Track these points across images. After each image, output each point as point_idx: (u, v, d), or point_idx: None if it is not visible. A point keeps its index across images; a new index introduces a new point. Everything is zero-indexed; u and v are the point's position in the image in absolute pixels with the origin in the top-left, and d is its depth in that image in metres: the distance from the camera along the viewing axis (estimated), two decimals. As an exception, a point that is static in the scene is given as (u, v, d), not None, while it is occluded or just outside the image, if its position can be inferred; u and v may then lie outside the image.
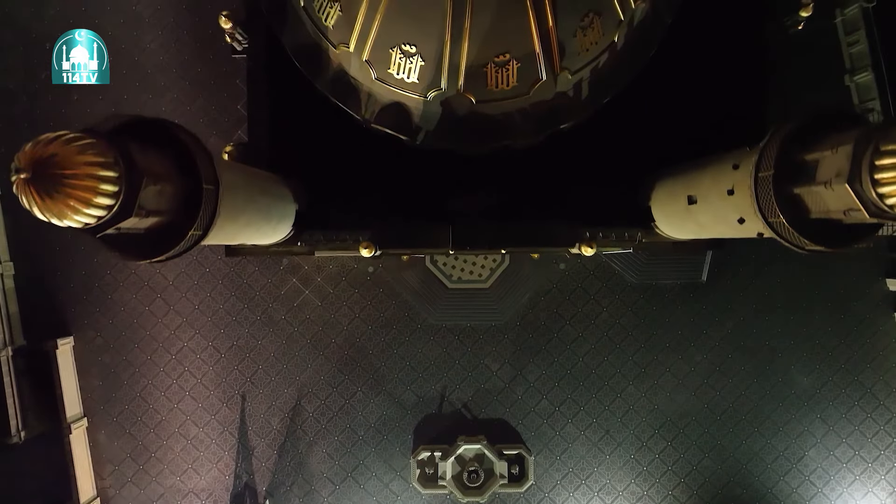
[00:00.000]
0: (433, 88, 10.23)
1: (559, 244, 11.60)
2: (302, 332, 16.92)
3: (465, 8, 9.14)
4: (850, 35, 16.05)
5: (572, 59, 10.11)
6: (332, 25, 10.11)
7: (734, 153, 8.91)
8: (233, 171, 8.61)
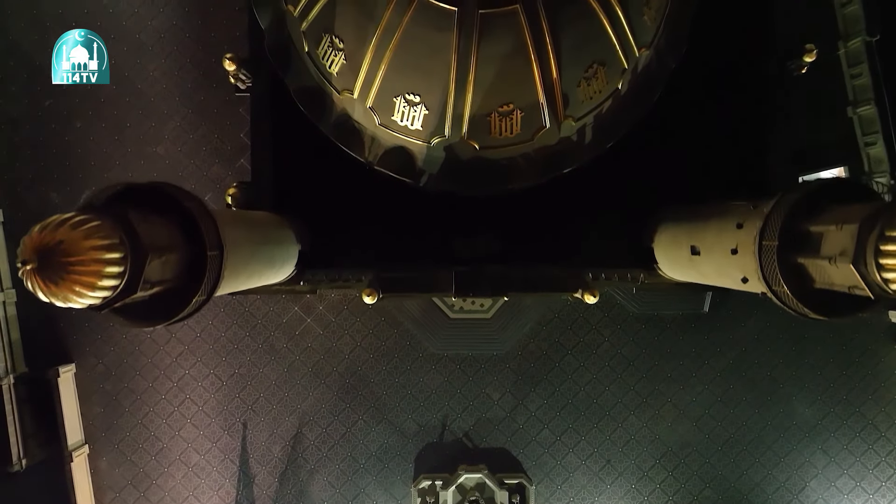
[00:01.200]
0: (437, 135, 10.25)
1: (562, 289, 11.58)
2: (303, 361, 16.94)
3: (470, 61, 9.16)
4: (853, 67, 16.08)
5: (576, 107, 10.13)
6: (335, 72, 10.11)
7: (738, 208, 8.91)
8: (236, 226, 8.60)
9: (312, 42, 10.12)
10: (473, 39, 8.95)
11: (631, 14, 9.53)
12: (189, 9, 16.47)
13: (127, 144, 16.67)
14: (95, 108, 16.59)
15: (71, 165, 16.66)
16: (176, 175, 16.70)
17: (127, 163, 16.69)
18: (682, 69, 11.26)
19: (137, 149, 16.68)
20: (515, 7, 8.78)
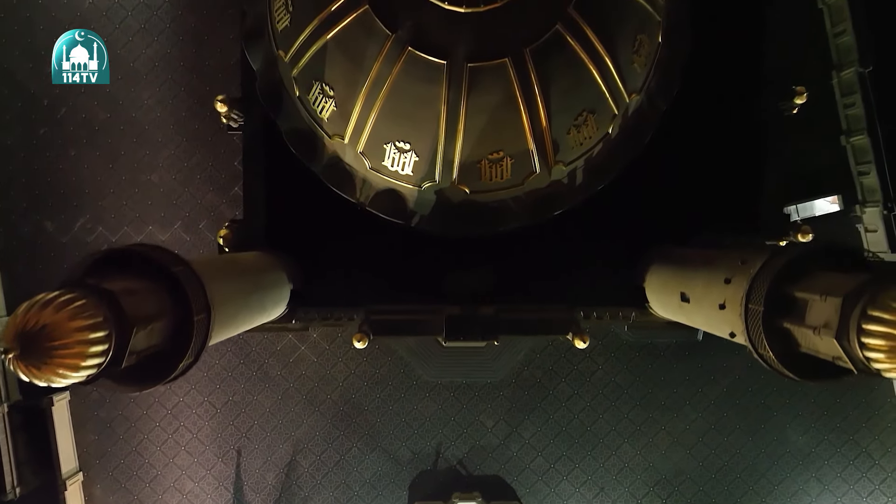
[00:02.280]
0: (427, 180, 10.26)
1: (553, 332, 11.61)
2: (297, 388, 16.94)
3: (459, 112, 9.18)
4: (846, 97, 16.10)
5: (566, 152, 10.14)
6: (326, 118, 10.13)
7: (727, 258, 8.93)
8: (225, 279, 8.61)
9: (303, 87, 10.14)
10: (463, 91, 8.97)
11: (621, 62, 9.55)
12: (183, 38, 16.48)
13: (121, 172, 16.67)
14: (90, 137, 16.59)
15: (65, 194, 16.67)
16: (170, 203, 16.71)
17: (121, 191, 16.69)
18: (674, 108, 11.30)
19: (132, 177, 16.68)
20: (504, 60, 8.82)
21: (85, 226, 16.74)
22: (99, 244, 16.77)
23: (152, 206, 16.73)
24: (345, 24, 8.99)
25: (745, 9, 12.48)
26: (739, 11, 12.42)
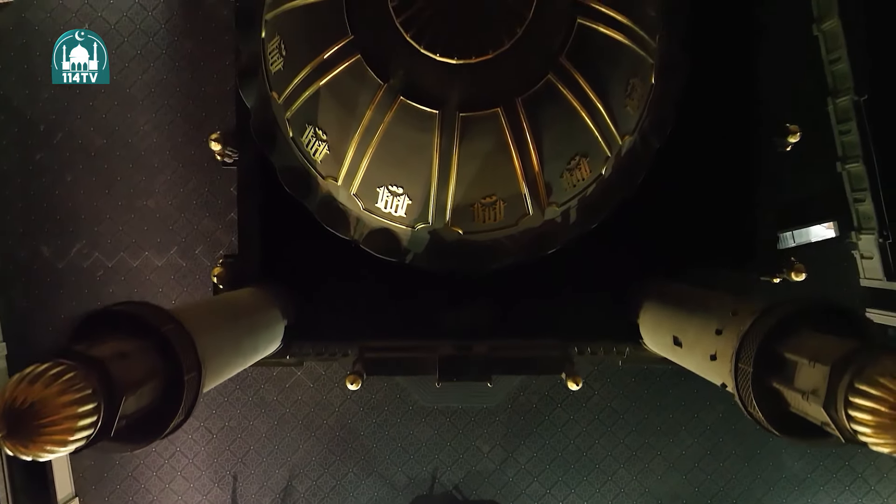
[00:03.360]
0: (421, 222, 10.28)
1: (547, 371, 11.63)
2: (293, 413, 16.96)
3: (452, 159, 9.20)
4: (842, 124, 16.12)
5: (559, 194, 10.16)
6: (319, 160, 10.15)
7: (719, 304, 8.95)
8: (217, 327, 8.62)
9: (297, 129, 10.16)
10: (455, 139, 9.00)
11: (613, 107, 9.57)
12: (179, 63, 16.49)
13: (117, 198, 16.69)
14: (86, 162, 16.62)
15: (61, 219, 16.69)
16: (166, 228, 16.73)
17: (117, 216, 16.71)
18: (668, 144, 11.31)
19: (128, 202, 16.70)
20: (496, 110, 8.84)
21: (81, 251, 16.76)
22: (95, 269, 16.81)
23: (148, 232, 16.75)
24: (337, 72, 9.02)
25: (739, 43, 12.45)
26: (734, 46, 12.40)
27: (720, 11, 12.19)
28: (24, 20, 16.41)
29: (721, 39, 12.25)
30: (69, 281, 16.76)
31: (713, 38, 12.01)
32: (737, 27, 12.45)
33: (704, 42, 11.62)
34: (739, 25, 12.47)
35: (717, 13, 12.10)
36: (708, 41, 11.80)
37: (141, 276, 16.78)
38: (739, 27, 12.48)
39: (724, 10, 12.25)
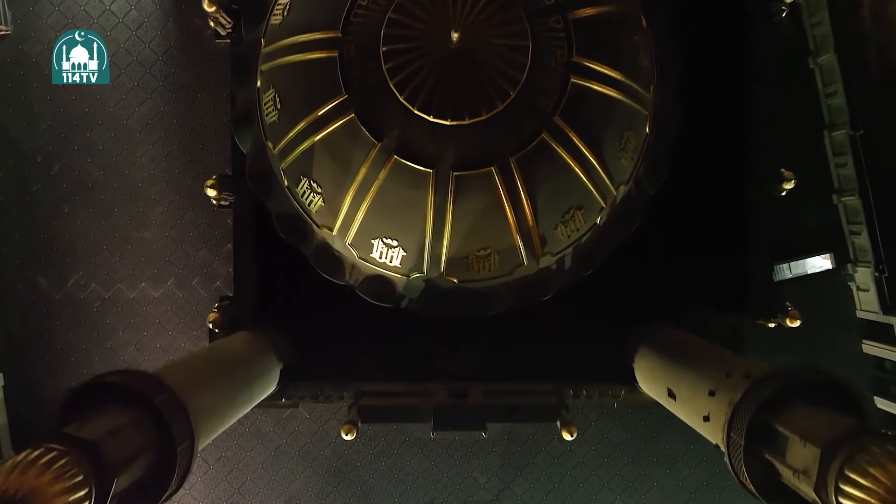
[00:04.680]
0: (416, 271, 10.28)
1: (541, 419, 11.66)
2: (290, 444, 16.95)
3: (446, 215, 9.22)
4: (838, 157, 16.14)
5: (554, 244, 10.18)
6: (315, 211, 10.17)
7: (713, 361, 8.98)
8: (211, 389, 8.64)
9: (292, 180, 10.18)
10: (449, 197, 9.01)
11: (607, 161, 9.59)
12: (176, 95, 16.51)
13: (114, 229, 16.69)
14: (83, 194, 16.62)
15: (59, 250, 16.69)
16: (163, 259, 16.74)
17: (114, 247, 16.71)
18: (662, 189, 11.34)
19: (125, 234, 16.71)
20: (490, 169, 8.87)
21: (78, 282, 16.77)
22: (92, 300, 16.81)
23: (145, 263, 16.76)
24: (332, 129, 9.05)
25: (734, 84, 12.49)
26: (728, 87, 12.44)
27: (715, 52, 12.22)
28: (21, 52, 16.42)
29: (715, 81, 12.27)
30: (66, 312, 16.76)
31: (708, 80, 12.05)
32: (732, 67, 12.48)
33: (699, 85, 11.67)
34: (735, 65, 12.51)
35: (711, 54, 12.13)
36: (702, 84, 11.83)
37: (138, 307, 16.79)
38: (735, 67, 12.51)
39: (719, 50, 12.27)
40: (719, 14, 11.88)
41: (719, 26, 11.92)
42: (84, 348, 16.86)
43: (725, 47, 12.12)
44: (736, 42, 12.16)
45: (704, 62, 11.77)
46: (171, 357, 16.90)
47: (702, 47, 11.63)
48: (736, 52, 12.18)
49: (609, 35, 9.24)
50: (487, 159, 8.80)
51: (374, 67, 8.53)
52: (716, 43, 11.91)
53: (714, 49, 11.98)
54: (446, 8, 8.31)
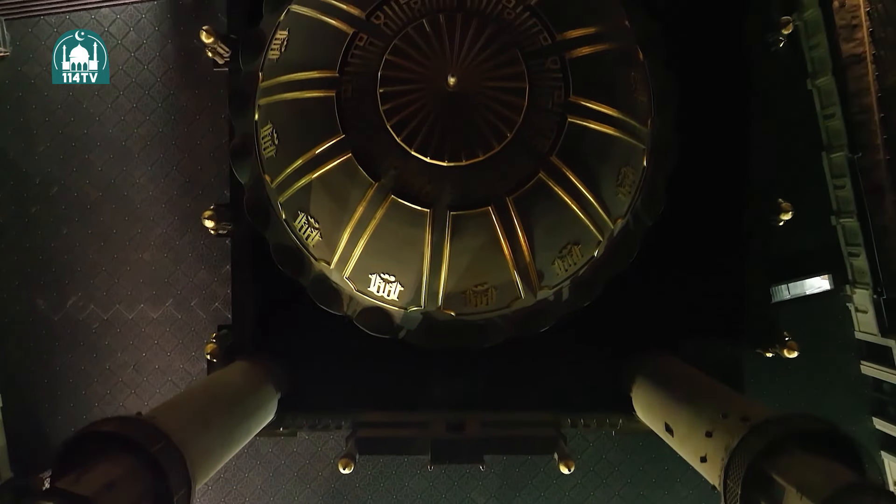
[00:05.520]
0: (413, 305, 10.28)
1: (539, 452, 11.66)
2: (289, 465, 16.95)
3: (443, 253, 9.22)
4: (836, 178, 16.13)
5: (551, 278, 10.18)
6: (312, 245, 10.17)
7: (711, 399, 8.97)
8: (208, 429, 8.64)
9: (290, 214, 10.17)
10: (446, 236, 9.02)
11: (605, 197, 9.60)
12: (175, 117, 16.52)
13: (113, 250, 16.70)
14: (82, 215, 16.63)
15: (57, 272, 16.70)
16: (162, 281, 16.74)
17: (113, 269, 16.71)
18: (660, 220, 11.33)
19: (123, 255, 16.71)
20: (487, 209, 8.88)
21: (77, 303, 16.77)
22: (91, 322, 16.81)
23: (144, 284, 16.75)
24: (329, 168, 9.06)
25: (732, 114, 12.49)
26: (725, 116, 12.44)
27: (713, 81, 12.22)
28: (20, 74, 16.45)
29: (713, 110, 12.27)
30: (64, 333, 16.77)
31: (705, 109, 12.04)
32: (730, 96, 12.48)
33: (697, 115, 11.67)
34: (733, 93, 12.51)
35: (709, 83, 12.13)
36: (700, 113, 11.83)
37: (136, 328, 16.79)
38: (733, 95, 12.52)
39: (717, 80, 12.27)
40: (717, 44, 11.87)
41: (717, 56, 11.91)
42: (83, 369, 16.85)
43: (723, 76, 12.12)
44: (734, 71, 12.15)
45: (702, 91, 11.76)
46: (170, 378, 16.93)
47: (700, 77, 11.62)
48: (734, 81, 12.18)
49: (606, 73, 9.25)
50: (484, 199, 8.82)
51: (371, 108, 8.54)
52: (714, 72, 11.93)
53: (712, 78, 11.99)
54: (443, 50, 8.34)
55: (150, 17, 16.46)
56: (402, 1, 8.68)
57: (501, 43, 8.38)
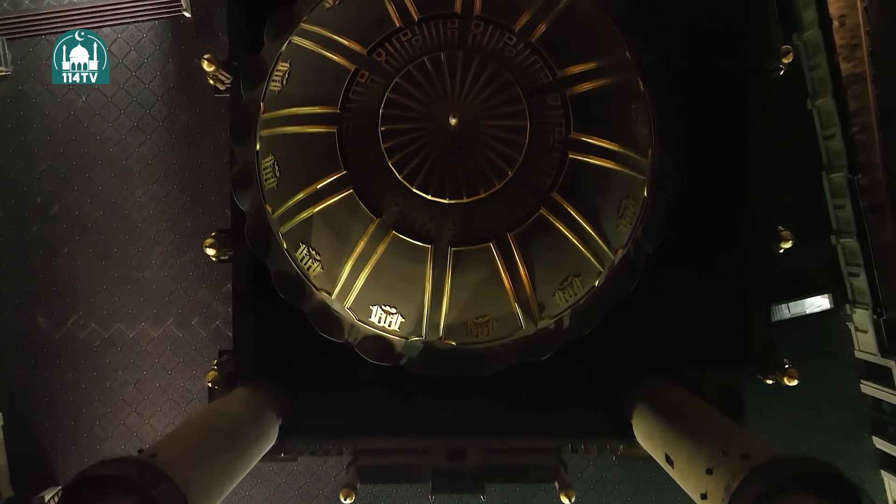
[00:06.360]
0: (414, 335, 10.30)
1: (539, 480, 11.66)
2: (290, 484, 16.98)
3: (444, 288, 9.25)
4: (836, 198, 16.18)
5: (552, 309, 10.19)
6: (313, 276, 10.18)
7: (709, 443, 8.97)
8: (211, 466, 8.66)
9: (291, 245, 10.18)
10: (447, 271, 9.04)
11: (606, 229, 9.62)
12: (176, 136, 16.54)
13: (114, 269, 16.72)
14: (83, 234, 16.65)
15: (58, 290, 16.72)
16: (163, 299, 16.76)
17: (114, 287, 16.74)
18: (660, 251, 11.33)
19: (124, 273, 16.73)
20: (488, 244, 8.90)
21: (78, 322, 16.80)
22: (91, 340, 16.84)
23: (145, 303, 16.78)
24: (330, 203, 9.09)
25: (733, 141, 12.49)
26: (727, 144, 12.44)
27: (713, 109, 12.21)
28: (20, 93, 16.47)
29: (714, 137, 12.25)
30: (66, 352, 16.79)
31: (706, 137, 12.03)
32: (730, 123, 12.47)
33: (698, 142, 11.67)
34: (733, 120, 12.51)
35: (710, 112, 12.12)
36: (701, 140, 11.83)
37: (137, 346, 16.81)
38: (733, 122, 12.51)
39: (717, 107, 12.25)
40: (718, 73, 11.87)
41: (718, 85, 11.92)
42: (83, 388, 16.88)
43: (724, 104, 12.11)
44: (734, 98, 12.15)
45: (703, 120, 11.75)
46: (171, 396, 16.96)
47: (700, 105, 11.61)
48: (734, 108, 12.17)
49: (607, 108, 9.27)
50: (485, 235, 8.84)
51: (372, 145, 8.57)
52: (714, 101, 11.92)
53: (712, 106, 11.96)
54: (444, 89, 8.37)
55: (152, 36, 16.48)
56: (404, 38, 8.71)
57: (503, 81, 8.41)
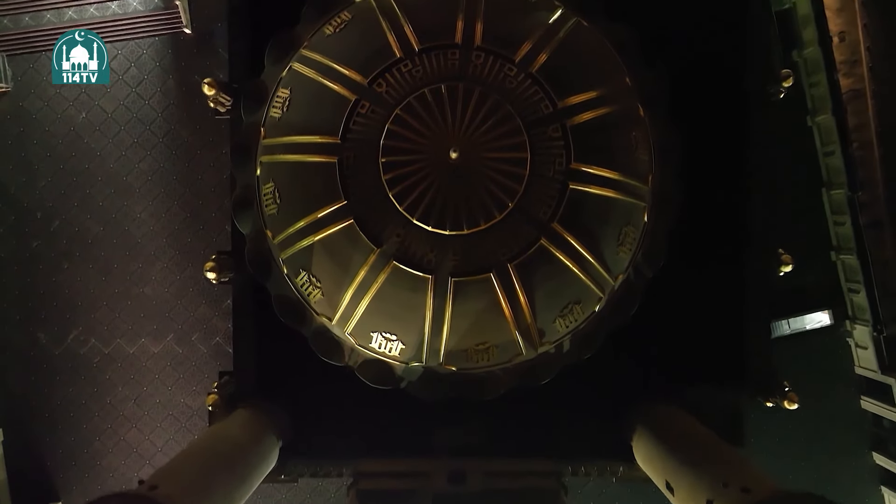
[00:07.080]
0: (415, 360, 10.31)
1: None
2: (289, 500, 17.00)
3: (444, 317, 9.25)
4: (836, 215, 16.19)
5: (553, 335, 10.20)
6: (314, 301, 10.19)
7: (709, 474, 8.97)
8: (210, 495, 8.66)
9: (291, 271, 10.19)
10: (448, 300, 9.05)
11: (606, 257, 9.63)
12: (176, 152, 16.55)
13: (114, 285, 16.73)
14: (83, 250, 16.67)
15: (58, 306, 16.73)
16: (163, 315, 16.77)
17: (114, 303, 16.74)
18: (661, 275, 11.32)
19: (124, 289, 16.74)
20: (488, 275, 8.91)
21: (78, 338, 16.81)
22: (92, 356, 16.85)
23: (145, 319, 16.79)
24: (331, 232, 9.10)
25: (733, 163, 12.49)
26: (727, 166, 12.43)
27: (713, 132, 12.20)
28: (21, 109, 16.49)
29: (714, 159, 12.24)
30: (66, 367, 16.80)
31: (706, 158, 12.02)
32: (731, 145, 12.47)
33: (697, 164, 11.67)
34: (733, 142, 12.51)
35: (710, 135, 12.12)
36: (701, 162, 11.83)
37: (138, 362, 16.81)
38: (733, 144, 12.51)
39: (717, 131, 12.25)
40: (718, 96, 11.87)
41: (718, 107, 11.91)
42: (83, 403, 16.88)
43: (724, 126, 12.10)
44: (734, 120, 12.15)
45: (703, 142, 11.75)
46: (171, 412, 16.96)
47: (700, 128, 11.60)
48: (734, 130, 12.17)
49: (607, 137, 9.28)
50: (486, 265, 8.85)
51: (373, 176, 8.57)
52: (714, 123, 11.92)
53: (712, 128, 11.96)
54: (445, 121, 8.38)
55: (152, 52, 16.50)
56: (405, 69, 8.72)
57: (503, 113, 8.42)
